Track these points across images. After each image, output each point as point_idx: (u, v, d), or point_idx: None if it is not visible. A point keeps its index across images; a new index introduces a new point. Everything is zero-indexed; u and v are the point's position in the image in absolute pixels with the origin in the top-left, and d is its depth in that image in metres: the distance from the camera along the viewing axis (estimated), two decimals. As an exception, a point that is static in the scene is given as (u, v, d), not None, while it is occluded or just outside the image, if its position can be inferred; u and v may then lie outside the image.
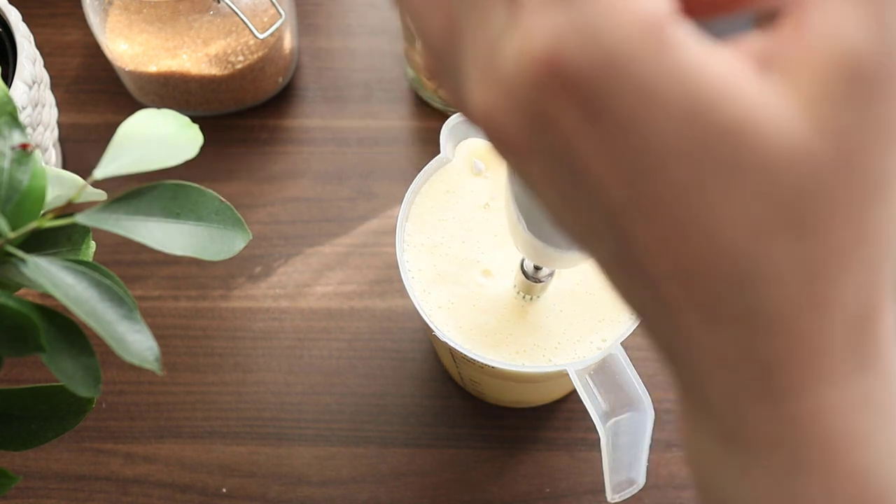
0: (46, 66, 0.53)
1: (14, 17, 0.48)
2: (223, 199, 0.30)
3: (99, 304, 0.26)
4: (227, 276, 0.54)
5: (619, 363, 0.37)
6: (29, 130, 0.47)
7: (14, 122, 0.28)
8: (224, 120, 0.59)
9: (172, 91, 0.57)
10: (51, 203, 0.30)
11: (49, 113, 0.51)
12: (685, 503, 0.49)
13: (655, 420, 0.38)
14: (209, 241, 0.29)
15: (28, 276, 0.26)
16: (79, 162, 0.57)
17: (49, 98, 0.51)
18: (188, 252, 0.28)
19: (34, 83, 0.47)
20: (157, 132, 0.30)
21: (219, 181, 0.57)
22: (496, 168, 0.43)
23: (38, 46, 0.50)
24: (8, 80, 0.46)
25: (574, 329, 0.40)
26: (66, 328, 0.27)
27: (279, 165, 0.58)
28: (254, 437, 0.50)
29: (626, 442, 0.38)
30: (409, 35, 0.55)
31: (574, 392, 0.50)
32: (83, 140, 0.59)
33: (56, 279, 0.26)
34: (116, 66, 0.56)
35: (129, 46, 0.54)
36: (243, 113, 0.60)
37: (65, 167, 0.57)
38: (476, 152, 0.43)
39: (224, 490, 0.49)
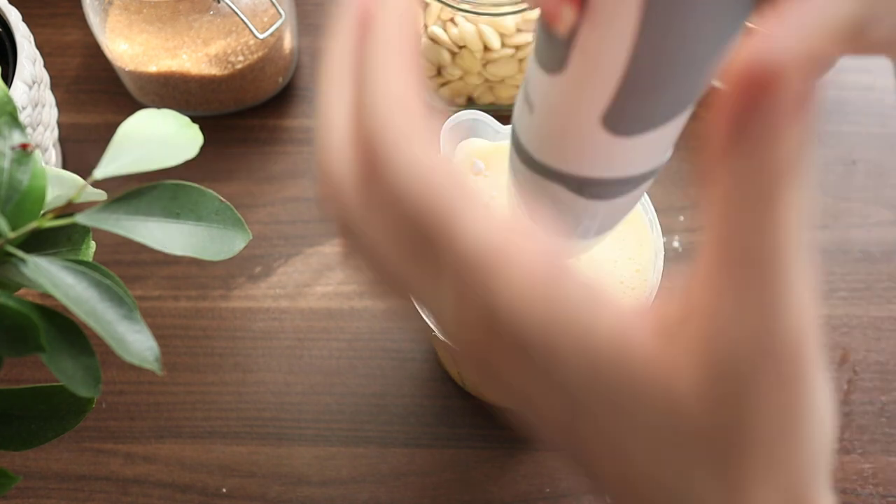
0: (46, 66, 0.53)
1: (14, 17, 0.48)
2: (223, 199, 0.30)
3: (99, 304, 0.26)
4: (227, 276, 0.54)
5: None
6: (29, 130, 0.47)
7: (14, 122, 0.28)
8: (224, 120, 0.59)
9: (172, 91, 0.57)
10: (51, 203, 0.30)
11: (49, 113, 0.51)
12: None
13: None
14: (209, 241, 0.29)
15: (28, 276, 0.26)
16: (79, 162, 0.57)
17: (49, 98, 0.51)
18: (188, 252, 0.28)
19: (34, 83, 0.47)
20: (157, 132, 0.30)
21: (219, 181, 0.57)
22: (496, 167, 0.43)
23: (38, 46, 0.50)
24: (8, 80, 0.46)
25: (574, 329, 0.40)
26: (66, 328, 0.27)
27: (279, 165, 0.58)
28: (254, 437, 0.50)
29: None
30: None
31: (574, 392, 0.50)
32: (83, 140, 0.59)
33: (56, 279, 0.26)
34: (116, 66, 0.56)
35: (129, 46, 0.54)
36: (243, 113, 0.60)
37: (65, 167, 0.57)
38: (476, 152, 0.43)
39: (224, 490, 0.49)
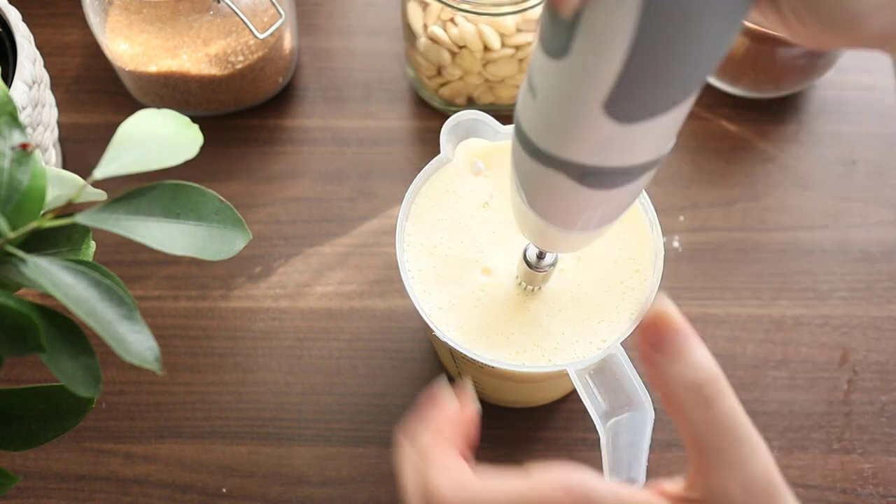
0: (46, 66, 0.53)
1: (14, 17, 0.48)
2: (223, 199, 0.30)
3: (99, 304, 0.26)
4: (227, 276, 0.54)
5: (619, 363, 0.37)
6: (29, 130, 0.47)
7: (14, 122, 0.28)
8: (224, 120, 0.59)
9: (172, 91, 0.57)
10: (51, 203, 0.30)
11: (49, 113, 0.51)
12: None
13: (655, 420, 0.38)
14: (209, 241, 0.29)
15: (28, 276, 0.26)
16: (79, 162, 0.57)
17: (49, 98, 0.51)
18: (188, 252, 0.28)
19: (34, 83, 0.47)
20: (157, 132, 0.30)
21: (219, 181, 0.57)
22: (496, 167, 0.43)
23: (38, 46, 0.50)
24: (8, 80, 0.46)
25: (574, 329, 0.40)
26: (66, 328, 0.27)
27: (279, 165, 0.58)
28: (254, 437, 0.50)
29: (626, 442, 0.38)
30: (410, 35, 0.55)
31: (574, 392, 0.50)
32: (83, 140, 0.59)
33: (56, 279, 0.26)
34: (116, 66, 0.56)
35: (129, 46, 0.54)
36: (243, 113, 0.60)
37: (65, 167, 0.57)
38: (476, 152, 0.43)
39: (224, 490, 0.49)
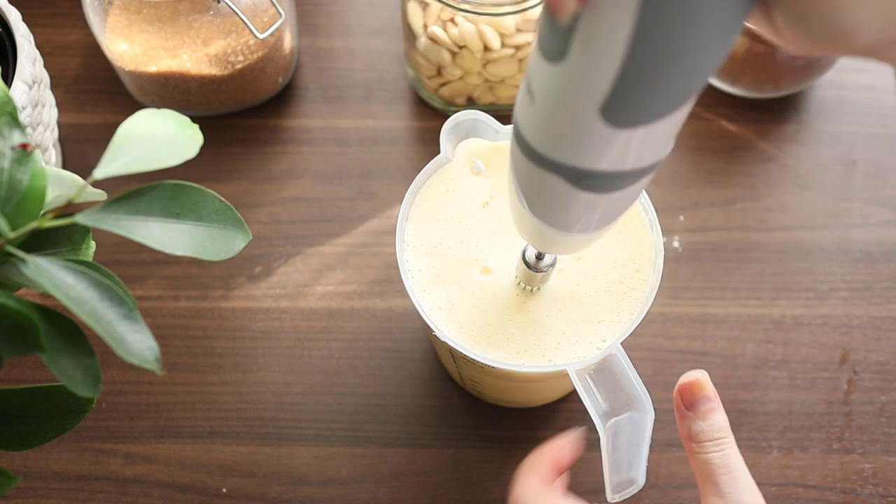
0: (46, 66, 0.53)
1: (14, 17, 0.48)
2: (223, 199, 0.30)
3: (99, 304, 0.26)
4: (227, 276, 0.54)
5: (619, 363, 0.37)
6: (29, 130, 0.47)
7: (14, 122, 0.28)
8: (224, 120, 0.59)
9: (172, 91, 0.57)
10: (51, 203, 0.30)
11: (49, 113, 0.51)
12: (685, 503, 0.49)
13: (655, 420, 0.38)
14: (209, 241, 0.29)
15: (28, 276, 0.26)
16: (79, 162, 0.57)
17: (49, 98, 0.51)
18: (188, 252, 0.28)
19: (34, 83, 0.47)
20: (157, 132, 0.30)
21: (219, 181, 0.57)
22: (496, 167, 0.43)
23: (38, 46, 0.50)
24: (8, 80, 0.46)
25: (574, 329, 0.40)
26: (66, 328, 0.27)
27: (279, 165, 0.58)
28: (254, 437, 0.50)
29: (626, 442, 0.38)
30: (410, 35, 0.55)
31: (574, 392, 0.50)
32: (83, 140, 0.59)
33: (56, 279, 0.26)
34: (116, 66, 0.56)
35: (129, 46, 0.54)
36: (243, 113, 0.60)
37: (65, 167, 0.57)
38: (476, 152, 0.43)
39: (224, 490, 0.49)
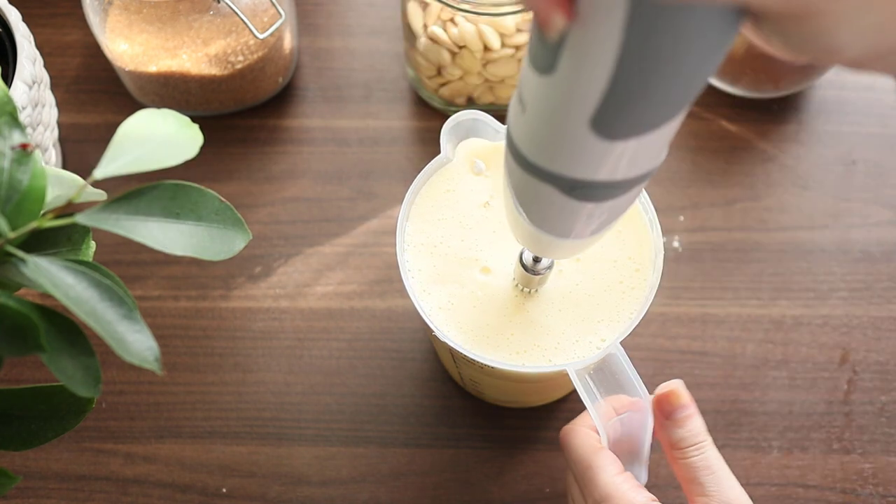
0: (46, 66, 0.53)
1: (14, 17, 0.48)
2: (223, 199, 0.30)
3: (99, 304, 0.26)
4: (227, 276, 0.54)
5: (619, 363, 0.37)
6: (29, 130, 0.47)
7: (14, 122, 0.28)
8: (224, 120, 0.59)
9: (172, 91, 0.57)
10: (51, 203, 0.30)
11: (49, 113, 0.51)
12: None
13: (655, 420, 0.38)
14: (209, 241, 0.29)
15: (28, 276, 0.26)
16: (79, 162, 0.57)
17: (49, 98, 0.51)
18: (188, 252, 0.28)
19: (34, 83, 0.47)
20: (157, 132, 0.30)
21: (219, 181, 0.57)
22: (496, 167, 0.43)
23: (38, 46, 0.50)
24: (8, 80, 0.46)
25: (574, 329, 0.40)
26: (66, 328, 0.27)
27: (279, 165, 0.58)
28: (254, 437, 0.50)
29: (626, 441, 0.38)
30: (410, 35, 0.55)
31: (574, 392, 0.50)
32: (83, 140, 0.59)
33: (56, 279, 0.26)
34: (116, 66, 0.56)
35: (129, 46, 0.54)
36: (243, 113, 0.60)
37: (65, 167, 0.57)
38: (476, 152, 0.43)
39: (224, 490, 0.49)
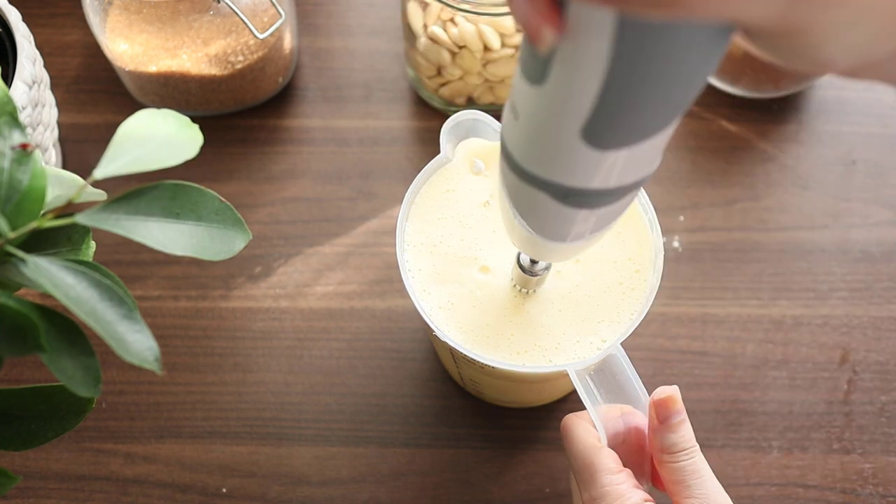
0: (46, 66, 0.53)
1: (14, 17, 0.48)
2: (223, 199, 0.30)
3: (99, 304, 0.26)
4: (227, 276, 0.54)
5: (619, 363, 0.37)
6: (29, 130, 0.47)
7: (14, 122, 0.28)
8: (224, 120, 0.59)
9: (172, 91, 0.57)
10: (51, 203, 0.30)
11: (49, 113, 0.51)
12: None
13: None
14: (209, 241, 0.29)
15: (28, 276, 0.26)
16: (79, 162, 0.57)
17: (49, 98, 0.51)
18: (188, 252, 0.28)
19: (34, 83, 0.47)
20: (157, 132, 0.30)
21: (219, 181, 0.57)
22: (496, 167, 0.43)
23: (38, 46, 0.50)
24: (8, 80, 0.46)
25: (574, 330, 0.40)
26: (66, 328, 0.27)
27: (279, 165, 0.58)
28: (254, 437, 0.50)
29: (626, 443, 0.38)
30: (410, 35, 0.55)
31: (574, 392, 0.50)
32: (83, 140, 0.59)
33: (56, 279, 0.26)
34: (116, 66, 0.56)
35: (129, 46, 0.54)
36: (243, 113, 0.60)
37: (65, 167, 0.57)
38: (476, 152, 0.43)
39: (224, 490, 0.49)
